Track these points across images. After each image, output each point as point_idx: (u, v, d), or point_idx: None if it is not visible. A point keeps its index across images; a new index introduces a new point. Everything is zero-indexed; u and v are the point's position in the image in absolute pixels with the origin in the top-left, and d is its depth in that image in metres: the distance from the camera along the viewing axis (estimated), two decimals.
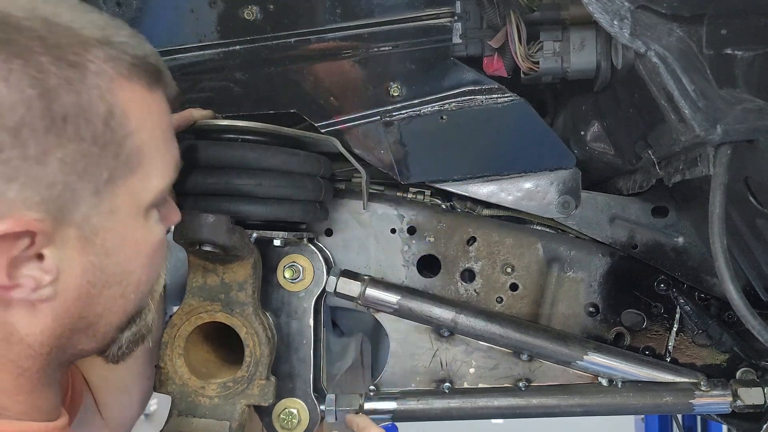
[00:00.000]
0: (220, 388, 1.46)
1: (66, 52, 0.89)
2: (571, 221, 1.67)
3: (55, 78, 0.87)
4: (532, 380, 1.72)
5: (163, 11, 1.51)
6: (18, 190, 0.87)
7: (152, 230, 1.04)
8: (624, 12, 1.16)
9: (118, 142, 0.94)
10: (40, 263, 0.92)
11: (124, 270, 1.01)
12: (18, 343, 0.97)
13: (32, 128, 0.86)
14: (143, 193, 1.00)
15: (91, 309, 1.00)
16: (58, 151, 0.88)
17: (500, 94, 1.52)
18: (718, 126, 1.13)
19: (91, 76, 0.91)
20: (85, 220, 0.93)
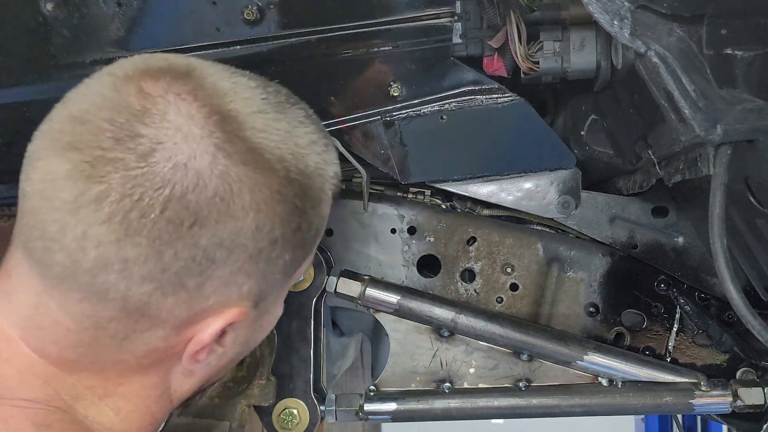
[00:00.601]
0: (221, 388, 1.46)
1: (316, 196, 1.04)
2: (571, 221, 1.67)
3: (306, 214, 1.02)
4: (532, 380, 1.72)
5: (164, 11, 1.50)
6: (250, 285, 0.96)
7: (280, 308, 1.13)
8: (624, 12, 1.16)
9: (314, 240, 1.08)
10: (221, 338, 0.99)
11: (253, 342, 1.11)
12: (167, 401, 1.03)
13: (284, 240, 0.98)
14: (295, 277, 1.09)
15: (217, 373, 1.09)
16: (288, 254, 1.00)
17: (500, 94, 1.52)
18: (718, 126, 1.13)
19: (324, 206, 1.07)
20: (268, 305, 1.03)
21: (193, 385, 1.05)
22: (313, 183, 1.03)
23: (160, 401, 1.02)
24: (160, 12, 1.50)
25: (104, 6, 1.48)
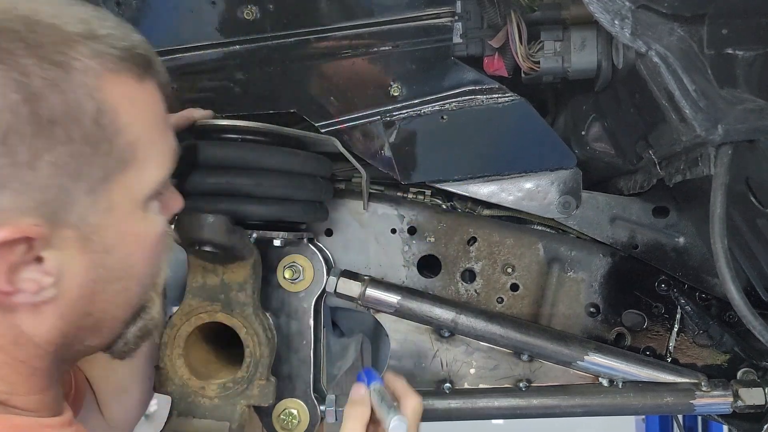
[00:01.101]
0: (220, 388, 1.46)
1: (49, 52, 0.88)
2: (571, 221, 1.67)
3: (39, 80, 0.86)
4: (532, 381, 1.72)
5: (163, 11, 1.50)
6: (11, 198, 0.87)
7: (153, 222, 1.03)
8: (625, 12, 1.16)
9: (110, 139, 0.92)
10: (41, 266, 0.92)
11: (126, 264, 1.00)
12: (26, 345, 0.97)
13: (20, 134, 0.85)
14: (140, 187, 0.99)
15: (95, 305, 0.99)
16: (48, 154, 0.87)
17: (501, 93, 1.52)
18: (719, 126, 1.13)
19: (77, 74, 0.89)
20: (82, 219, 0.93)
21: (55, 322, 0.97)
22: (41, 39, 0.88)
23: (18, 348, 0.97)
24: (159, 12, 1.50)
25: (103, 6, 1.48)
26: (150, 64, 1.01)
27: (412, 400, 1.39)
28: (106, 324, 1.04)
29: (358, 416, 1.35)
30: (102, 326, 1.03)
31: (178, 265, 1.66)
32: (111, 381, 1.47)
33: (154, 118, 1.01)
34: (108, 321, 1.03)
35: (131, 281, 1.02)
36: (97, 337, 1.04)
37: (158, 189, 1.02)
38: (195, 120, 1.44)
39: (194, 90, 1.56)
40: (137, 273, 1.03)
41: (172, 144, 1.06)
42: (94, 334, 1.03)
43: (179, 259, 1.62)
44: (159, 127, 1.03)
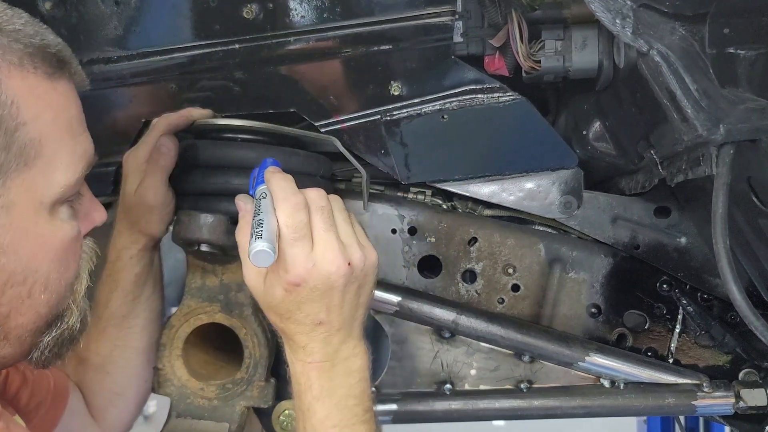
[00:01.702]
0: (220, 389, 1.46)
1: None
2: (573, 221, 1.66)
3: None
4: (533, 382, 1.72)
5: (162, 10, 1.50)
6: None
7: (60, 227, 0.99)
8: (626, 11, 1.15)
9: (9, 133, 0.90)
10: None
11: (27, 268, 0.96)
12: None
13: None
14: (45, 188, 0.95)
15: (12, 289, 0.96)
16: None
17: (502, 93, 1.52)
18: (720, 126, 1.13)
19: None
20: None
21: None
22: None
23: None
24: (159, 11, 1.50)
25: (102, 5, 1.48)
26: (63, 65, 0.98)
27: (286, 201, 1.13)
28: (12, 332, 0.99)
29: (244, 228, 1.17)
30: (7, 334, 0.99)
31: (177, 266, 1.66)
32: (106, 385, 1.46)
33: (66, 119, 0.98)
34: (13, 329, 0.99)
35: (34, 287, 0.98)
36: (4, 345, 1.00)
37: (68, 194, 0.99)
38: (194, 119, 1.43)
39: (194, 89, 1.55)
40: (41, 279, 0.98)
41: (86, 148, 1.02)
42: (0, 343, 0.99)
43: (178, 259, 1.62)
44: (71, 128, 0.99)
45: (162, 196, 1.37)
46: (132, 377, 1.50)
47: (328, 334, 1.16)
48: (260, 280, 1.16)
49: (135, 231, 1.41)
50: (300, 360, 1.17)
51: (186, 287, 1.47)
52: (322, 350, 1.17)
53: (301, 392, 1.18)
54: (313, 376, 1.16)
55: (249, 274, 1.17)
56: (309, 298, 1.12)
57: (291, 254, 1.10)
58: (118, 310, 1.45)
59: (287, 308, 1.14)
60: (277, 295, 1.13)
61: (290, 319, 1.15)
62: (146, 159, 1.38)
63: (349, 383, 1.18)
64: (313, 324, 1.15)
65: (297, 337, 1.16)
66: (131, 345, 1.48)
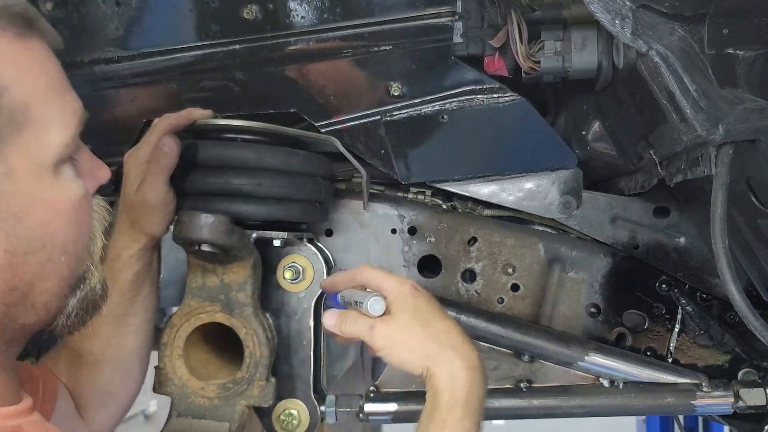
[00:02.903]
0: (220, 389, 1.46)
1: None
2: (572, 221, 1.66)
3: None
4: (533, 381, 1.72)
5: (163, 11, 1.50)
6: None
7: (67, 187, 1.00)
8: (625, 11, 1.16)
9: None
10: None
11: (44, 233, 0.97)
12: None
13: None
14: (42, 151, 0.95)
15: (19, 279, 0.96)
16: None
17: (501, 93, 1.52)
18: (719, 126, 1.13)
19: None
20: None
21: None
22: None
23: None
24: (159, 12, 1.50)
25: (103, 5, 1.49)
26: (31, 24, 0.97)
27: (391, 280, 1.32)
28: (38, 298, 1.00)
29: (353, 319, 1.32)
30: (34, 301, 1.00)
31: (178, 265, 1.66)
32: (98, 383, 1.46)
33: (46, 79, 0.98)
34: (39, 295, 1.00)
35: (54, 251, 0.99)
36: (31, 313, 1.01)
37: (66, 153, 0.99)
38: (195, 120, 1.43)
39: (194, 90, 1.56)
40: (60, 242, 0.99)
41: (74, 106, 1.02)
42: (27, 311, 1.00)
43: (178, 258, 1.62)
44: (54, 87, 0.99)
45: (163, 196, 1.37)
46: (124, 377, 1.49)
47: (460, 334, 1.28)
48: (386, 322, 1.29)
49: (135, 230, 1.41)
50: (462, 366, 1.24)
51: (187, 287, 1.47)
52: (474, 352, 1.26)
53: (455, 407, 1.21)
54: (473, 386, 1.23)
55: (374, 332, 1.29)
56: (430, 299, 1.32)
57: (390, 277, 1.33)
58: (116, 309, 1.44)
59: (425, 311, 1.28)
60: (408, 306, 1.28)
61: (431, 323, 1.28)
62: (147, 159, 1.38)
63: (483, 401, 1.25)
64: (453, 323, 1.30)
65: (447, 338, 1.26)
66: (125, 344, 1.47)
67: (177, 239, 1.39)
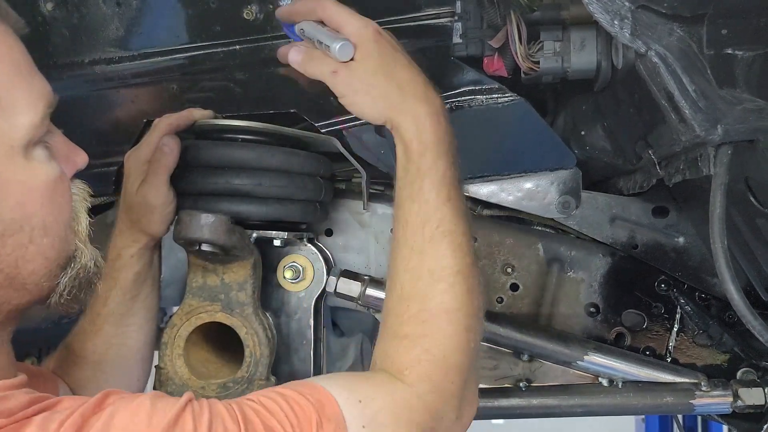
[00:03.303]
0: (221, 388, 1.46)
1: None
2: (571, 221, 1.67)
3: None
4: (532, 380, 1.72)
5: (163, 11, 1.50)
6: None
7: (39, 169, 1.00)
8: (624, 12, 1.16)
9: None
10: None
11: (20, 215, 0.97)
12: None
13: None
14: (11, 132, 0.96)
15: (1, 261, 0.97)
16: None
17: (500, 93, 1.52)
18: (718, 126, 1.13)
19: None
20: None
21: None
22: None
23: None
24: (160, 12, 1.50)
25: (103, 6, 1.49)
26: None
27: (354, 20, 1.22)
28: (27, 279, 1.00)
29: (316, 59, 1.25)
30: (23, 282, 1.00)
31: (178, 265, 1.66)
32: (100, 383, 1.45)
33: (10, 62, 0.98)
34: (27, 276, 1.00)
35: (35, 232, 0.99)
36: (22, 293, 1.01)
37: (36, 135, 0.99)
38: (195, 120, 1.44)
39: (195, 90, 1.56)
40: (39, 224, 0.99)
41: (41, 89, 1.02)
42: (17, 292, 1.00)
43: (179, 258, 1.63)
44: (19, 71, 0.99)
45: (163, 196, 1.38)
46: (126, 376, 1.50)
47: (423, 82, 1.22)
48: (348, 67, 1.20)
49: (136, 230, 1.42)
50: (425, 113, 1.20)
51: (187, 287, 1.48)
52: (435, 99, 1.22)
53: (426, 152, 1.18)
54: (439, 131, 1.20)
55: (336, 78, 1.22)
56: (394, 44, 1.22)
57: (352, 17, 1.20)
58: (117, 309, 1.45)
59: (389, 58, 1.20)
60: (371, 51, 1.19)
61: (395, 72, 1.20)
62: (148, 159, 1.39)
63: (453, 144, 1.23)
64: (417, 70, 1.22)
65: (411, 88, 1.21)
66: (127, 344, 1.48)
67: (177, 239, 1.39)
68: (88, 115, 1.06)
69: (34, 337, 1.11)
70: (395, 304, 1.18)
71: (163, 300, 1.57)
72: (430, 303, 1.16)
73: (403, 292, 1.18)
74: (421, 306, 1.16)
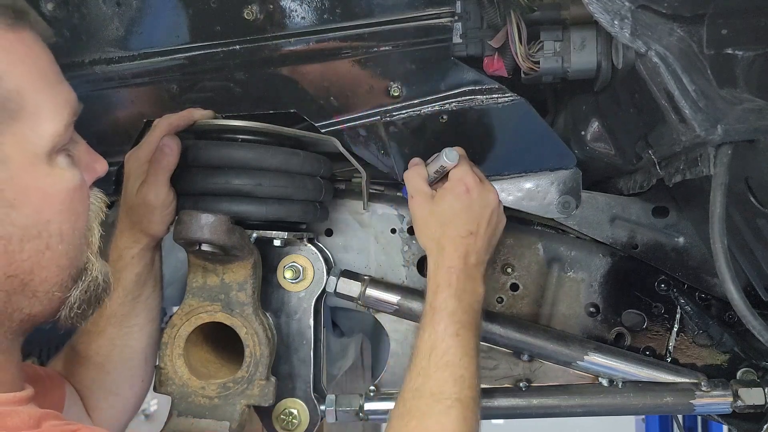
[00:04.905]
0: (220, 388, 1.46)
1: None
2: (571, 221, 1.67)
3: None
4: (532, 380, 1.72)
5: (163, 11, 1.50)
6: None
7: (61, 177, 1.01)
8: (624, 12, 1.16)
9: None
10: None
11: (38, 220, 0.98)
12: None
13: None
14: (36, 139, 0.97)
15: (16, 266, 0.97)
16: None
17: (500, 94, 1.52)
18: (718, 126, 1.13)
19: None
20: None
21: None
22: None
23: None
24: (160, 12, 1.50)
25: (103, 6, 1.49)
26: (22, 15, 0.99)
27: (461, 169, 1.47)
28: (39, 288, 1.01)
29: (415, 173, 1.51)
30: (35, 290, 1.01)
31: (179, 265, 1.66)
32: (104, 384, 1.46)
33: (38, 69, 0.99)
34: (39, 284, 1.01)
35: (51, 239, 1.00)
36: (34, 303, 1.02)
37: (60, 142, 1.00)
38: (195, 120, 1.44)
39: (195, 90, 1.56)
40: (55, 230, 1.00)
41: (67, 96, 1.03)
42: (29, 300, 1.01)
43: (179, 258, 1.63)
44: (46, 77, 1.00)
45: (163, 196, 1.38)
46: (130, 376, 1.50)
47: (473, 246, 1.43)
48: (428, 199, 1.47)
49: (136, 231, 1.42)
50: (445, 266, 1.41)
51: (187, 287, 1.48)
52: (465, 260, 1.42)
53: (439, 290, 1.40)
54: (453, 279, 1.40)
55: (418, 198, 1.48)
56: (470, 207, 1.44)
57: (462, 171, 1.46)
58: (119, 310, 1.45)
59: (452, 214, 1.43)
60: (446, 201, 1.44)
61: (449, 225, 1.43)
62: (148, 159, 1.39)
63: (474, 298, 1.42)
64: (467, 232, 1.43)
65: (448, 244, 1.42)
66: (130, 344, 1.48)
67: (178, 239, 1.39)
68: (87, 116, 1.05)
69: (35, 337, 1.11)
70: (397, 420, 1.32)
71: (163, 300, 1.58)
72: (428, 421, 1.29)
73: (405, 409, 1.32)
74: (419, 423, 1.29)
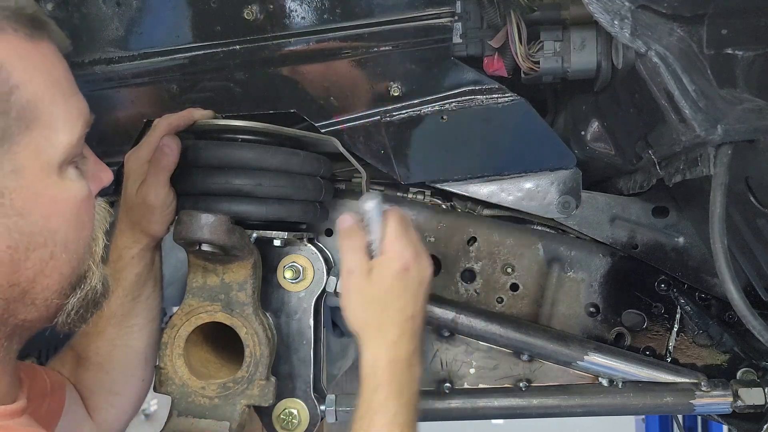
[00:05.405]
0: (220, 388, 1.46)
1: None
2: (571, 221, 1.67)
3: None
4: (532, 380, 1.72)
5: (163, 11, 1.50)
6: None
7: (70, 187, 1.01)
8: (624, 12, 1.16)
9: (4, 97, 0.92)
10: None
11: (46, 229, 0.98)
12: None
13: None
14: (50, 149, 0.97)
15: (20, 275, 0.97)
16: None
17: (500, 93, 1.52)
18: (718, 126, 1.13)
19: None
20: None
21: None
22: None
23: None
24: (160, 12, 1.50)
25: (103, 6, 1.49)
26: (42, 26, 0.99)
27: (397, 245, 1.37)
28: (39, 295, 1.01)
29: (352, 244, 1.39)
30: (34, 298, 1.01)
31: (179, 265, 1.66)
32: (104, 384, 1.46)
33: (54, 80, 1.00)
34: (39, 292, 1.01)
35: (56, 248, 1.00)
36: (31, 309, 1.02)
37: (73, 153, 1.01)
38: (195, 120, 1.44)
39: (195, 90, 1.56)
40: (62, 240, 1.01)
41: (81, 107, 1.03)
42: (27, 308, 1.01)
43: (179, 258, 1.63)
44: (62, 89, 1.01)
45: (163, 196, 1.38)
46: (130, 376, 1.50)
47: (414, 331, 1.34)
48: (365, 277, 1.35)
49: (136, 231, 1.42)
50: (386, 358, 1.31)
51: (187, 287, 1.48)
52: (407, 347, 1.33)
53: (378, 388, 1.29)
54: (396, 373, 1.31)
55: (355, 278, 1.36)
56: (408, 287, 1.34)
57: (399, 243, 1.35)
58: (119, 310, 1.45)
59: (393, 296, 1.33)
60: (386, 281, 1.33)
61: (390, 309, 1.33)
62: (148, 159, 1.39)
63: (413, 388, 1.33)
64: (408, 316, 1.34)
65: (390, 330, 1.33)
66: (130, 344, 1.48)
67: (177, 239, 1.39)
68: None
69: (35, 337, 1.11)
70: None
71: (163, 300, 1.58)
72: None
73: None
74: None
